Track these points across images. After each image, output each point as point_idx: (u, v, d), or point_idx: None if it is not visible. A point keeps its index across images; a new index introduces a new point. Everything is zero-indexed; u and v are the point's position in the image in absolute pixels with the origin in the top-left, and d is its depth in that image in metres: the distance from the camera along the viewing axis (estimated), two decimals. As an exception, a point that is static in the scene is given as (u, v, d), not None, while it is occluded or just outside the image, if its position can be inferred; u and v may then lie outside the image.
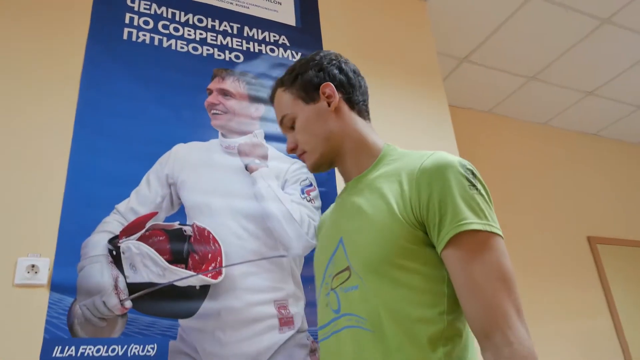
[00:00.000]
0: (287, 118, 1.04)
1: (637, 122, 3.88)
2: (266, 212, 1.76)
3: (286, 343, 1.61)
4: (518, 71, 3.20)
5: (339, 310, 0.91)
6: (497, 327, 0.75)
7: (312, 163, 1.04)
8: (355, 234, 0.92)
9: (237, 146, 1.83)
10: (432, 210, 0.83)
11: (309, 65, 1.04)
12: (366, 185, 0.96)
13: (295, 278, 1.71)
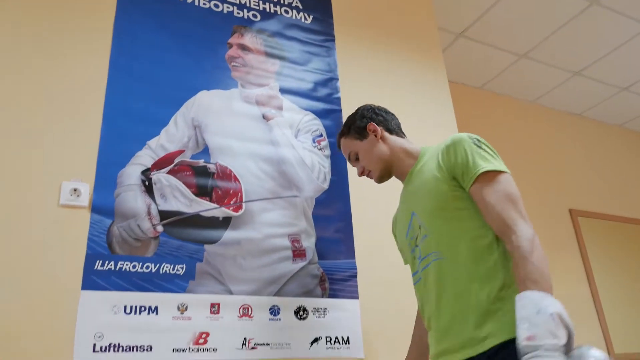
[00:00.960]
0: (352, 153, 1.51)
1: (619, 104, 4.09)
2: (281, 157, 1.93)
3: (299, 272, 1.78)
4: (511, 48, 3.38)
5: (421, 257, 1.31)
6: (506, 227, 1.14)
7: (377, 177, 1.49)
8: (419, 203, 1.33)
9: (255, 96, 1.99)
10: (457, 168, 1.25)
11: (355, 117, 1.53)
12: (415, 175, 1.39)
13: (307, 216, 1.88)
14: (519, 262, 1.09)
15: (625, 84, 3.84)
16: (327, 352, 1.72)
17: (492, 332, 1.12)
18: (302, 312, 1.73)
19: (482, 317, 1.14)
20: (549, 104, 4.06)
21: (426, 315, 1.32)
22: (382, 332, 1.84)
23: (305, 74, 2.15)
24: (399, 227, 1.49)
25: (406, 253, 1.44)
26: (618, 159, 4.30)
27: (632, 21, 3.18)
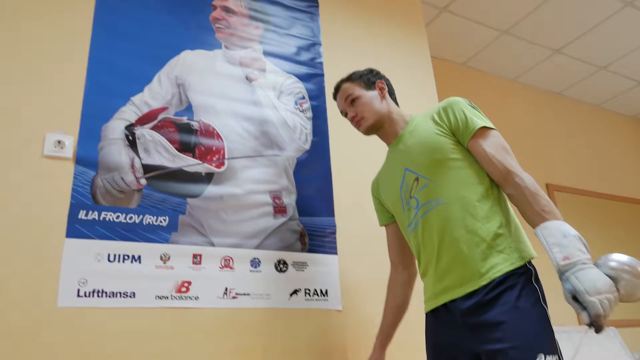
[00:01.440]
0: (351, 98, 1.58)
1: (598, 83, 4.18)
2: (264, 117, 1.97)
3: (279, 227, 1.83)
4: (493, 24, 3.43)
5: (418, 205, 1.41)
6: (508, 172, 1.30)
7: (366, 126, 1.56)
8: (414, 158, 1.44)
9: (239, 58, 2.02)
10: (455, 124, 1.39)
11: (366, 71, 1.63)
12: (408, 136, 1.50)
13: (288, 175, 1.93)
14: (530, 198, 1.24)
15: (604, 63, 3.92)
16: (306, 303, 1.78)
17: (494, 265, 1.26)
18: (282, 265, 1.79)
19: (483, 252, 1.28)
20: (530, 82, 4.14)
21: (423, 261, 1.43)
22: (360, 286, 1.90)
23: (289, 38, 2.18)
24: (384, 186, 1.59)
25: (397, 207, 1.52)
26: (595, 138, 4.40)
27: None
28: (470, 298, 1.27)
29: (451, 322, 1.33)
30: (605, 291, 1.08)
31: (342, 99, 1.62)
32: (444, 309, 1.36)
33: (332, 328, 1.80)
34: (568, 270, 1.12)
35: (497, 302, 1.23)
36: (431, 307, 1.41)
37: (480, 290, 1.26)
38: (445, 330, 1.36)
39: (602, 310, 1.06)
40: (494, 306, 1.23)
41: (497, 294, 1.23)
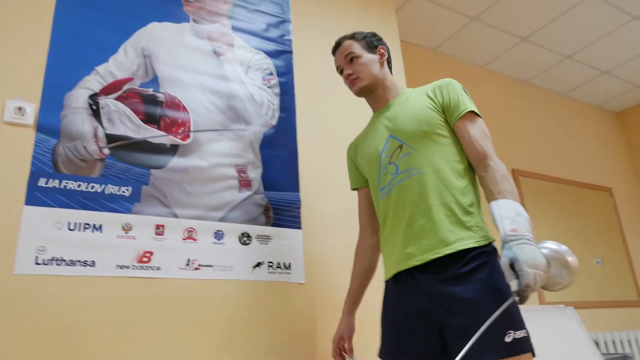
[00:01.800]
0: (351, 55, 1.59)
1: (564, 72, 4.28)
2: (231, 91, 1.97)
3: (244, 201, 1.85)
4: (463, 10, 3.48)
5: (397, 171, 1.46)
6: (486, 155, 1.41)
7: (361, 86, 1.58)
8: (402, 127, 1.49)
9: (207, 32, 2.01)
10: (447, 102, 1.47)
11: (370, 34, 1.65)
12: (398, 105, 1.56)
13: (254, 149, 1.94)
14: (499, 179, 1.35)
15: (569, 52, 4.02)
16: (269, 276, 1.81)
17: (461, 238, 1.34)
18: (245, 237, 1.81)
19: (453, 224, 1.36)
20: (499, 69, 4.21)
21: (390, 225, 1.48)
22: (323, 260, 1.94)
23: (258, 15, 2.18)
24: (363, 150, 1.62)
25: (373, 171, 1.56)
26: (561, 126, 4.52)
27: (576, -12, 3.33)
28: (444, 270, 1.33)
29: (418, 290, 1.37)
30: (540, 269, 1.16)
31: (341, 55, 1.62)
32: (409, 277, 1.40)
33: (295, 301, 1.83)
34: (513, 241, 1.18)
35: (470, 278, 1.29)
36: (395, 271, 1.44)
37: (442, 259, 1.33)
38: (411, 298, 1.39)
39: (533, 282, 1.13)
40: (467, 281, 1.29)
41: (471, 269, 1.30)
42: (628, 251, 4.36)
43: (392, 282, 1.48)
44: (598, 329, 3.75)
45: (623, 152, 4.94)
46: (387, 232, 1.50)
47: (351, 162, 1.72)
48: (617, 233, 4.40)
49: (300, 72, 2.20)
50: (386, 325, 1.48)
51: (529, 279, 1.12)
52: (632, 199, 4.71)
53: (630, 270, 4.30)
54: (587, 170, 4.48)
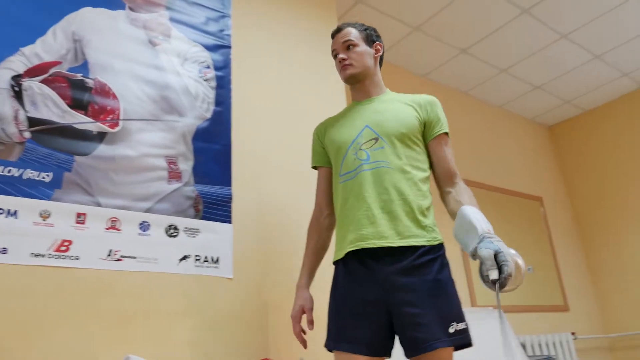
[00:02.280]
0: (350, 42, 1.68)
1: (500, 85, 4.47)
2: (165, 82, 1.94)
3: (173, 193, 1.82)
4: (406, 19, 3.57)
5: (368, 159, 1.55)
6: (454, 174, 1.59)
7: (351, 73, 1.67)
8: (383, 123, 1.59)
9: (143, 21, 1.97)
10: (429, 119, 1.62)
11: (372, 29, 1.75)
12: (382, 102, 1.67)
13: (186, 141, 1.92)
14: (465, 194, 1.53)
15: (504, 66, 4.20)
16: (196, 269, 1.78)
17: (415, 235, 1.46)
18: (173, 230, 1.78)
19: (411, 221, 1.47)
20: (439, 80, 4.34)
21: (349, 206, 1.54)
22: (253, 256, 1.93)
23: (198, 8, 2.16)
24: (334, 132, 1.69)
25: (339, 153, 1.63)
26: (496, 137, 4.70)
27: (509, 5, 3.49)
28: (397, 262, 1.43)
29: (372, 279, 1.44)
30: (519, 262, 1.36)
31: (339, 40, 1.70)
32: (362, 266, 1.47)
33: (222, 295, 1.81)
34: (492, 237, 1.33)
35: (421, 271, 1.42)
36: (349, 250, 1.49)
37: (400, 254, 1.44)
38: (366, 286, 1.45)
39: (513, 272, 1.27)
40: (418, 274, 1.41)
41: (421, 263, 1.43)
42: (556, 259, 4.58)
43: (343, 266, 1.52)
44: (526, 331, 3.91)
45: (553, 164, 5.19)
46: (344, 214, 1.55)
47: (318, 141, 1.76)
48: (547, 241, 4.61)
49: (238, 67, 2.19)
50: (339, 311, 1.49)
51: (511, 268, 1.26)
52: (560, 209, 4.94)
53: (557, 277, 4.51)
54: (520, 180, 4.68)
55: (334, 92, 2.52)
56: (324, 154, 1.74)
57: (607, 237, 4.77)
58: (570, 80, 4.51)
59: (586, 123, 5.09)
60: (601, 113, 4.98)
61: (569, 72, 4.38)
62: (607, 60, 4.28)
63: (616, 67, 4.38)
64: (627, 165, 4.71)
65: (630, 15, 3.69)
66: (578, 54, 4.13)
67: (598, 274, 4.79)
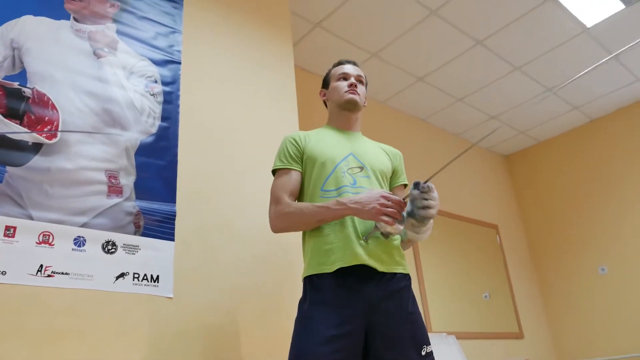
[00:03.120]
0: (362, 79, 1.87)
1: (456, 114, 4.56)
2: (109, 95, 1.89)
3: (112, 208, 1.75)
4: (363, 45, 3.63)
5: (355, 184, 1.63)
6: None
7: (356, 100, 1.78)
8: (368, 157, 1.72)
9: (88, 32, 1.93)
10: (396, 168, 1.82)
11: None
12: (361, 139, 1.81)
13: (129, 156, 1.86)
14: None
15: (460, 95, 4.30)
16: (133, 287, 1.71)
17: (402, 263, 1.59)
18: (110, 246, 1.70)
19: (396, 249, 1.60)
20: (398, 107, 4.41)
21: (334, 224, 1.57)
22: (195, 275, 1.87)
23: (147, 22, 2.14)
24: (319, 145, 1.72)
25: (327, 166, 1.65)
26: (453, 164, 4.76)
27: (464, 36, 3.59)
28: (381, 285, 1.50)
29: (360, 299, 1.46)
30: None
31: (354, 71, 1.85)
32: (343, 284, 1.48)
33: (161, 315, 1.74)
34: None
35: (400, 296, 1.52)
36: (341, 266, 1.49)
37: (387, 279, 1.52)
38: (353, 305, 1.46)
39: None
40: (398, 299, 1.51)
41: (401, 288, 1.53)
42: (511, 286, 4.62)
43: (333, 280, 1.50)
44: (481, 358, 3.90)
45: (509, 193, 5.30)
46: (327, 230, 1.56)
47: (297, 147, 1.71)
48: (502, 268, 4.66)
49: (188, 84, 2.16)
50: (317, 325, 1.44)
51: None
52: (515, 237, 5.02)
53: (512, 304, 4.54)
54: (476, 208, 4.74)
55: (286, 114, 2.52)
56: (300, 160, 1.70)
57: (559, 264, 4.86)
58: (524, 112, 4.65)
59: (540, 153, 5.23)
60: (554, 144, 5.14)
61: (522, 104, 4.51)
62: (559, 93, 4.43)
63: (567, 100, 4.54)
64: (577, 195, 4.85)
65: (580, 50, 3.84)
66: (531, 86, 4.26)
67: (551, 301, 4.86)
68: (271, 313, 1.98)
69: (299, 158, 1.70)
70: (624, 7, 3.44)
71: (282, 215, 1.60)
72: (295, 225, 1.62)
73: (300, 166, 1.69)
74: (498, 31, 3.58)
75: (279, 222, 1.61)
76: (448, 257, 4.20)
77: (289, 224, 1.61)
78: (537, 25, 3.54)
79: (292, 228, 1.63)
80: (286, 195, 1.63)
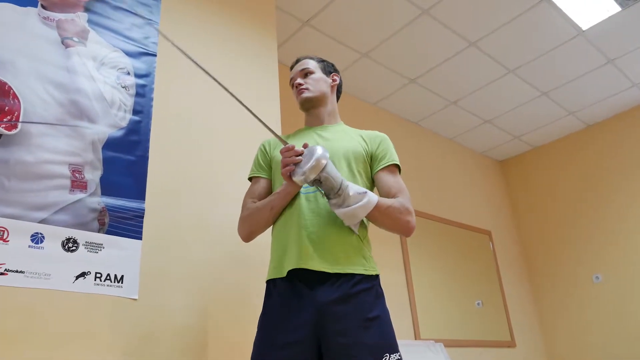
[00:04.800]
0: (307, 70, 1.74)
1: (449, 117, 4.48)
2: (77, 86, 1.80)
3: (75, 203, 1.66)
4: (354, 45, 3.55)
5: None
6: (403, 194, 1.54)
7: (307, 97, 1.70)
8: (332, 142, 1.62)
9: (57, 20, 1.85)
10: (376, 152, 1.63)
11: (328, 61, 1.83)
12: (334, 131, 1.69)
13: (95, 149, 1.77)
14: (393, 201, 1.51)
15: (454, 98, 4.22)
16: (95, 288, 1.61)
17: (358, 263, 1.45)
18: (71, 243, 1.61)
19: (353, 248, 1.46)
20: (389, 109, 4.32)
21: (290, 226, 1.50)
22: (163, 275, 1.77)
23: (122, 13, 2.05)
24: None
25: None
26: (446, 168, 4.69)
27: (457, 37, 3.51)
28: (335, 290, 1.38)
29: (310, 304, 1.38)
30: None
31: (297, 69, 1.75)
32: (293, 289, 1.42)
33: (124, 317, 1.64)
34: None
35: (355, 300, 1.38)
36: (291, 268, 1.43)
37: (337, 280, 1.40)
38: (297, 310, 1.39)
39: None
40: (354, 303, 1.38)
41: (358, 291, 1.40)
42: (504, 293, 4.52)
43: (285, 284, 1.45)
44: (471, 368, 3.80)
45: (503, 199, 5.21)
46: (283, 233, 1.51)
47: (265, 155, 1.72)
48: (495, 275, 4.56)
49: (163, 77, 2.08)
50: (271, 331, 1.42)
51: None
52: (509, 243, 4.93)
53: (505, 311, 4.44)
54: (469, 213, 4.65)
55: (269, 113, 2.43)
56: (269, 168, 1.69)
57: (553, 271, 4.77)
58: (518, 116, 4.56)
59: (535, 159, 5.15)
60: (549, 150, 5.06)
61: (517, 108, 4.43)
62: (554, 98, 4.36)
63: (562, 105, 4.47)
64: (572, 202, 4.76)
65: (576, 53, 3.77)
66: (525, 89, 4.19)
67: (544, 309, 4.77)
68: (243, 315, 1.88)
69: (267, 164, 1.70)
70: (620, 9, 3.37)
71: (242, 219, 1.63)
72: (254, 224, 1.60)
73: (268, 172, 1.69)
74: (492, 32, 3.50)
75: (242, 227, 1.63)
76: (439, 262, 4.10)
77: (249, 224, 1.60)
78: (531, 26, 3.47)
79: (254, 228, 1.61)
80: (250, 201, 1.64)
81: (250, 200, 1.64)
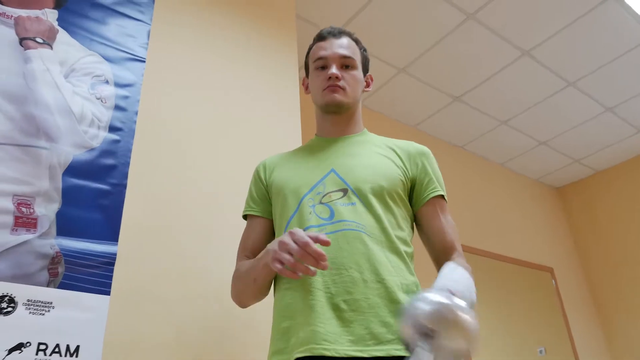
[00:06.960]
0: (350, 60, 1.28)
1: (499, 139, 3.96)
2: (34, 96, 1.42)
3: (17, 247, 1.24)
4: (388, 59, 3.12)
5: (332, 217, 1.12)
6: (452, 247, 1.16)
7: (341, 100, 1.26)
8: (354, 168, 1.19)
9: (16, 17, 1.48)
10: (424, 176, 1.23)
11: (368, 55, 1.38)
12: (355, 143, 1.28)
13: (54, 176, 1.36)
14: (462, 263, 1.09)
15: (504, 117, 3.71)
16: (37, 366, 1.18)
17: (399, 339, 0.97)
18: (5, 303, 1.18)
19: (392, 317, 1.00)
20: (429, 131, 3.85)
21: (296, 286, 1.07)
22: (135, 345, 1.32)
23: (104, 11, 1.68)
24: (288, 171, 1.27)
25: (292, 201, 1.19)
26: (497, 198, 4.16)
27: (507, 44, 3.04)
28: None
29: None
30: None
31: (337, 50, 1.28)
32: None
33: (80, 405, 1.19)
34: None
35: None
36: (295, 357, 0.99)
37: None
38: None
39: None
40: None
41: None
42: (572, 338, 3.93)
43: None
44: None
45: (564, 231, 4.61)
46: (287, 299, 1.08)
47: (260, 182, 1.31)
48: (560, 318, 4.00)
49: (152, 87, 1.68)
50: None
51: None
52: (574, 281, 4.32)
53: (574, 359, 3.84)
54: (527, 248, 4.10)
55: (287, 132, 1.99)
56: (267, 201, 1.27)
57: (627, 312, 4.13)
58: (579, 136, 4.01)
59: (598, 185, 4.57)
60: (615, 174, 4.48)
61: (577, 127, 3.89)
62: (620, 114, 3.80)
63: (630, 122, 3.90)
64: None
65: (646, 59, 3.24)
66: (587, 105, 3.65)
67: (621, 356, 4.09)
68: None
69: (264, 195, 1.29)
70: None
71: (232, 281, 1.23)
72: (240, 294, 1.21)
73: (264, 207, 1.28)
74: (548, 39, 3.02)
75: (232, 292, 1.24)
76: (495, 305, 3.58)
77: (236, 293, 1.22)
78: (595, 30, 2.97)
79: (242, 298, 1.21)
80: (243, 256, 1.25)
81: (242, 254, 1.25)
